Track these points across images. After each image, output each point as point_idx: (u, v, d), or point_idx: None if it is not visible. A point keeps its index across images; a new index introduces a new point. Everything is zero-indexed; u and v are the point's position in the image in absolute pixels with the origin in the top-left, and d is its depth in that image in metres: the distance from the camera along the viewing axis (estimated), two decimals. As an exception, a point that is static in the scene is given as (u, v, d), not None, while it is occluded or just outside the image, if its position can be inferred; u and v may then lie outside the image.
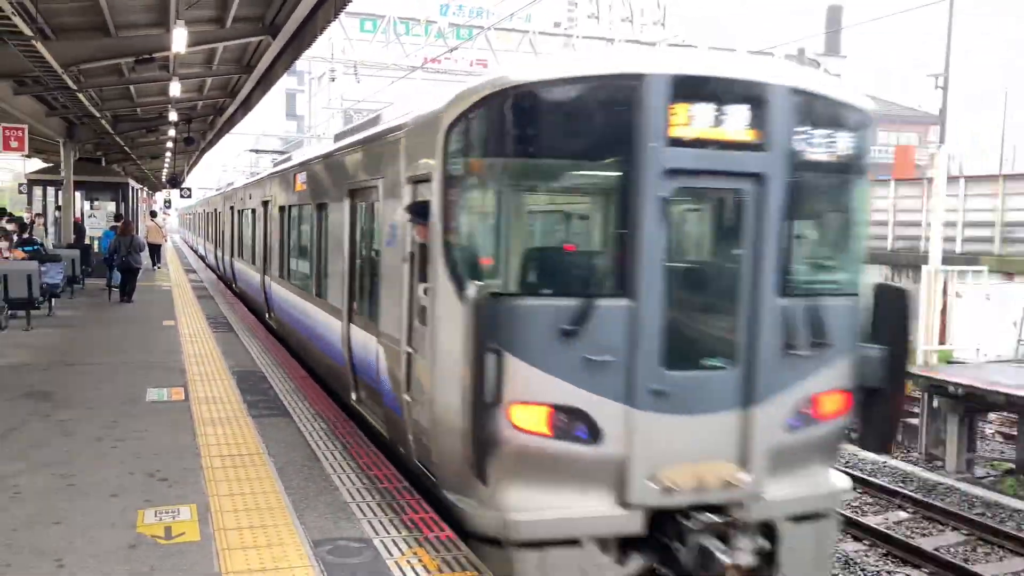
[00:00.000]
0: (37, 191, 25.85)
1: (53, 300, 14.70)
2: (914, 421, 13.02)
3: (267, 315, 13.78)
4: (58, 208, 23.73)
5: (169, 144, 26.21)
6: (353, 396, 7.85)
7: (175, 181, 37.80)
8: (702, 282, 5.69)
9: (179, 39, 10.48)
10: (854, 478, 11.28)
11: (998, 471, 12.15)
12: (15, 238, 16.13)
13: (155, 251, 26.78)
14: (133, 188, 28.30)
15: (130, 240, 16.83)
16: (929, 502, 10.41)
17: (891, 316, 5.85)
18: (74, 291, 17.95)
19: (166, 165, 36.24)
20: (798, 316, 5.36)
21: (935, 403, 12.23)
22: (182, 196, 44.10)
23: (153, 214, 33.46)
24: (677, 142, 5.06)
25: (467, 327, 4.91)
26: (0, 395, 8.32)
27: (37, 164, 31.32)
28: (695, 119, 5.10)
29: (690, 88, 5.11)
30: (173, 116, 18.76)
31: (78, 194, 23.49)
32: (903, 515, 10.23)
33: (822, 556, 5.81)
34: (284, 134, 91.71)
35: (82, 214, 24.41)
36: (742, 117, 5.19)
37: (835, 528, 6.03)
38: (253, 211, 15.63)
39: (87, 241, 22.60)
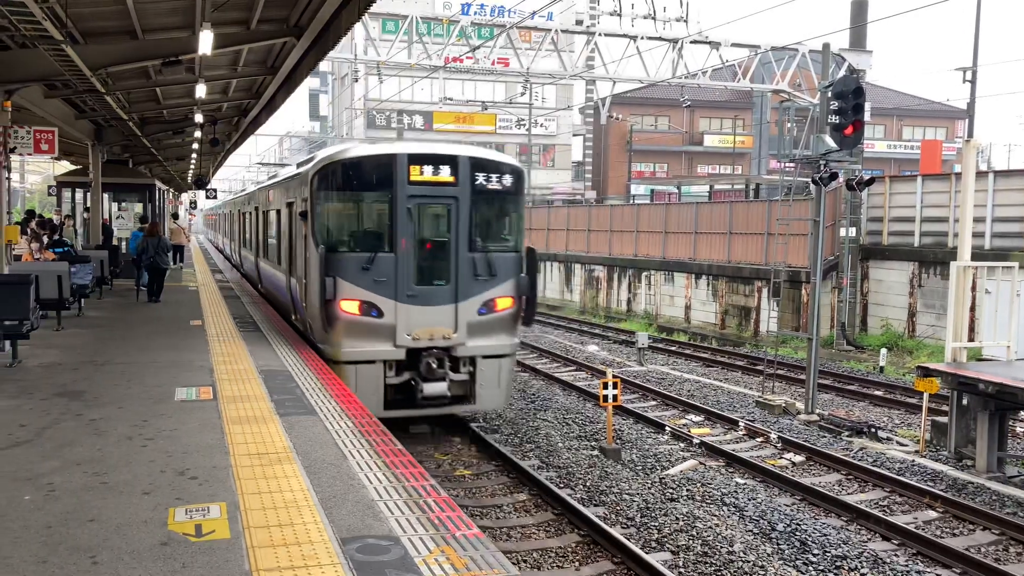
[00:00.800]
0: (66, 193, 26.20)
1: (83, 300, 14.89)
2: (943, 419, 12.87)
3: (259, 285, 19.69)
4: (86, 210, 24.04)
5: (195, 146, 26.44)
6: (293, 317, 13.64)
7: (201, 182, 38.10)
8: (433, 246, 11.22)
9: (205, 41, 10.56)
10: (882, 477, 11.22)
11: (1029, 470, 11.98)
12: (45, 239, 16.37)
13: (178, 251, 27.11)
14: (159, 190, 28.61)
15: (157, 241, 17.03)
16: (959, 501, 10.30)
17: (530, 261, 11.71)
18: (103, 292, 18.18)
19: (192, 166, 36.56)
20: (479, 261, 11.17)
21: (964, 401, 12.08)
22: (208, 197, 44.74)
23: (175, 216, 33.90)
24: (414, 183, 10.86)
25: (319, 266, 10.67)
26: (33, 394, 8.45)
27: (66, 166, 31.77)
28: (422, 172, 10.90)
29: (417, 159, 10.93)
30: (199, 118, 18.92)
31: (106, 196, 23.78)
32: (933, 514, 10.12)
33: (503, 376, 11.64)
34: (308, 134, 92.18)
35: (110, 215, 24.72)
36: (445, 171, 10.98)
37: (511, 363, 11.85)
38: (250, 214, 21.46)
39: (115, 242, 22.87)
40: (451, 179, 11.00)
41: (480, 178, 11.18)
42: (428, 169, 10.94)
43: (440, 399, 11.06)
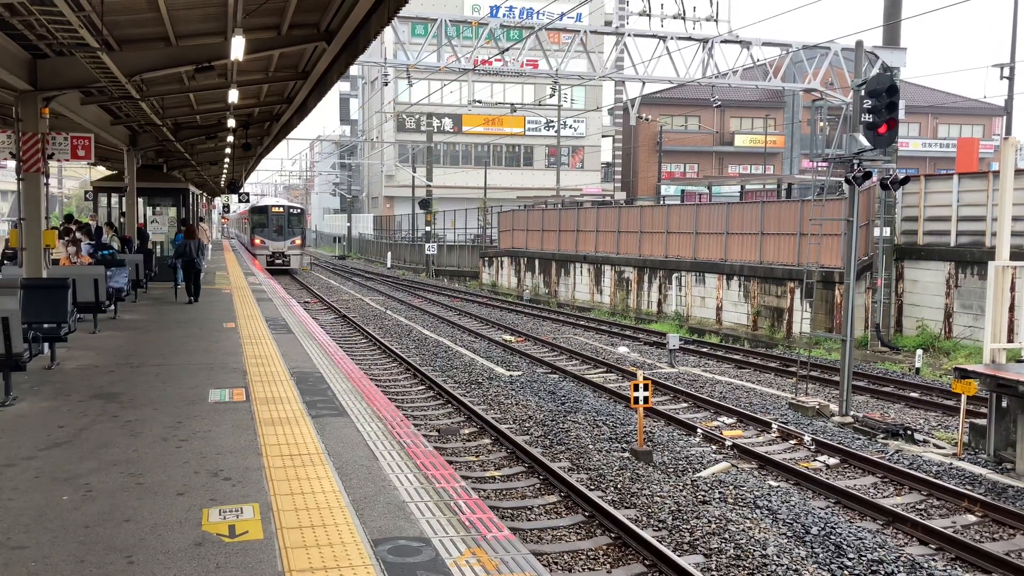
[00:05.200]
0: (102, 198, 26.61)
1: (118, 304, 15.11)
2: (981, 422, 12.65)
3: (246, 246, 53.27)
4: (122, 214, 24.38)
5: (227, 150, 26.74)
6: (248, 249, 49.28)
7: (234, 186, 39.26)
8: (280, 228, 45.95)
9: (237, 47, 10.67)
10: (919, 480, 11.04)
11: (1071, 473, 11.73)
12: (83, 244, 16.62)
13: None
14: (193, 194, 28.99)
15: (197, 243, 17.33)
16: (999, 505, 10.10)
17: (305, 233, 51.48)
18: (138, 295, 18.45)
19: (225, 171, 37.02)
20: (290, 230, 46.46)
21: (1004, 403, 11.87)
22: (240, 201, 50.14)
23: (201, 219, 35.07)
24: (272, 211, 46.47)
25: (250, 232, 47.72)
26: (70, 396, 8.59)
27: (102, 172, 32.30)
28: (273, 208, 46.73)
29: (274, 205, 47.89)
30: (231, 123, 19.12)
31: (140, 200, 24.12)
32: (971, 518, 9.95)
33: (301, 261, 48.04)
34: (339, 138, 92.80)
35: (144, 220, 25.07)
36: (281, 208, 46.92)
37: (301, 257, 48.54)
38: (243, 219, 64.22)
39: (149, 246, 23.18)
40: (282, 210, 45.90)
41: (290, 211, 46.27)
42: (277, 208, 46.20)
43: (282, 266, 44.10)
